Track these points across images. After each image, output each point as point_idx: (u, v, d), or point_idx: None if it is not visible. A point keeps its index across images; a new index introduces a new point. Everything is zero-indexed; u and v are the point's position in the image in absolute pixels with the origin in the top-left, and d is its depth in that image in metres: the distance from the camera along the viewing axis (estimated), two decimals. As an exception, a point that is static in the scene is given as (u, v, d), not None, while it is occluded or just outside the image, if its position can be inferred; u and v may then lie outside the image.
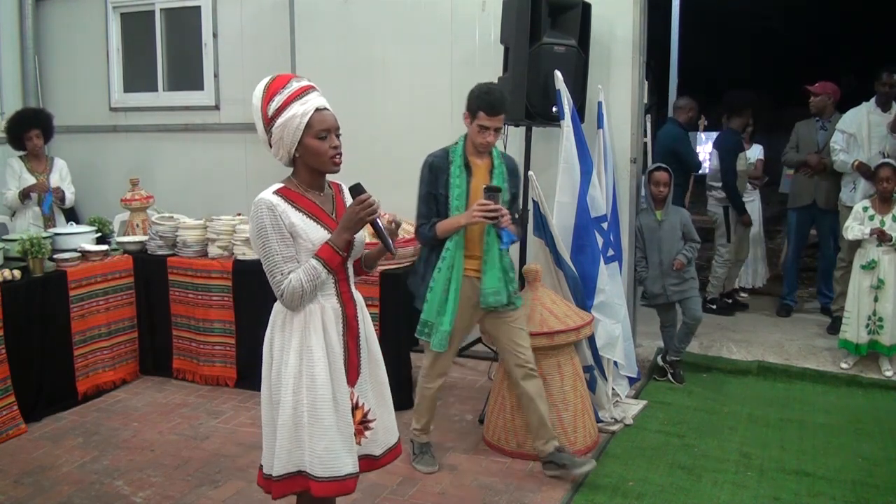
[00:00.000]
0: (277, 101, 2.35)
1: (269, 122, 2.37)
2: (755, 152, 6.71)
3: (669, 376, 4.87)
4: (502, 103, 3.32)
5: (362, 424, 2.52)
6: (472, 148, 3.48)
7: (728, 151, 6.08)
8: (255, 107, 2.39)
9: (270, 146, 2.42)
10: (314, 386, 2.37)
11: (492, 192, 3.30)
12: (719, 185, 6.17)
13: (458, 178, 3.44)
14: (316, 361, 2.38)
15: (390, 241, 2.47)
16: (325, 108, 2.38)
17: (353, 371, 2.49)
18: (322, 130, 2.36)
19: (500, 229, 3.35)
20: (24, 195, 5.55)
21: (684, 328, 4.84)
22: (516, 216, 3.52)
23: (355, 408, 2.49)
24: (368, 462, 2.55)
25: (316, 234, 2.39)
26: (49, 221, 5.58)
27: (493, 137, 3.37)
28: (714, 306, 6.24)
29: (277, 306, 2.48)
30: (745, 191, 6.36)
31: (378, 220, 2.42)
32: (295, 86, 2.37)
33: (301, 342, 2.40)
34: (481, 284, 3.48)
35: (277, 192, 2.40)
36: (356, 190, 2.42)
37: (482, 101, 3.33)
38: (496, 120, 3.33)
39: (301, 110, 2.33)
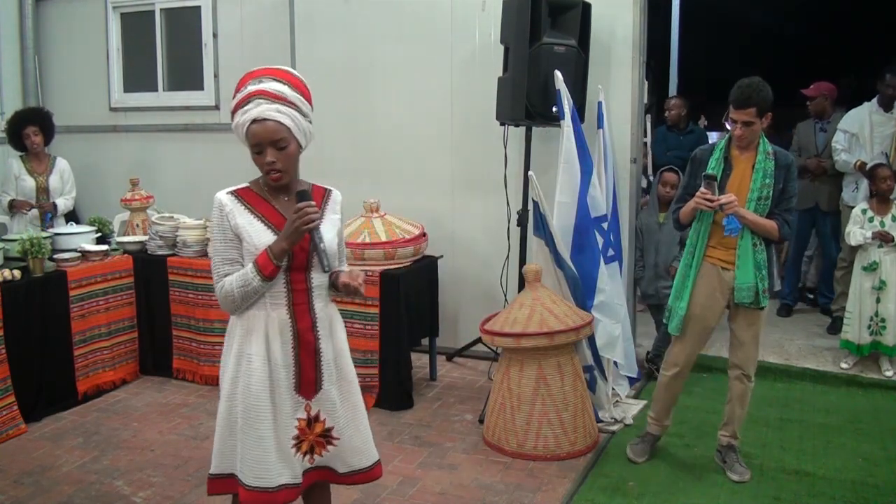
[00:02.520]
0: (232, 103, 2.32)
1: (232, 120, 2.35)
2: None
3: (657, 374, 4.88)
4: (748, 97, 3.29)
5: (324, 438, 2.43)
6: (734, 141, 3.46)
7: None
8: None
9: None
10: (249, 394, 2.30)
11: (707, 179, 3.34)
12: None
13: (713, 170, 3.44)
14: (253, 370, 2.31)
15: (324, 257, 2.28)
16: (265, 119, 2.23)
17: (307, 385, 2.38)
18: (254, 145, 2.26)
19: (725, 215, 3.34)
20: (11, 206, 5.52)
21: (664, 329, 4.85)
22: (784, 210, 3.43)
23: (314, 420, 2.40)
24: (327, 473, 2.49)
25: (263, 239, 2.28)
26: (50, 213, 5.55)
27: (741, 131, 3.34)
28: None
29: None
30: None
31: (314, 233, 2.27)
32: (247, 89, 2.29)
33: (240, 348, 2.33)
34: (735, 279, 3.45)
35: (235, 192, 2.35)
36: (300, 196, 2.27)
37: (732, 94, 3.34)
38: (742, 113, 3.31)
39: (240, 121, 2.26)
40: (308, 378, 2.37)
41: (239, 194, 2.34)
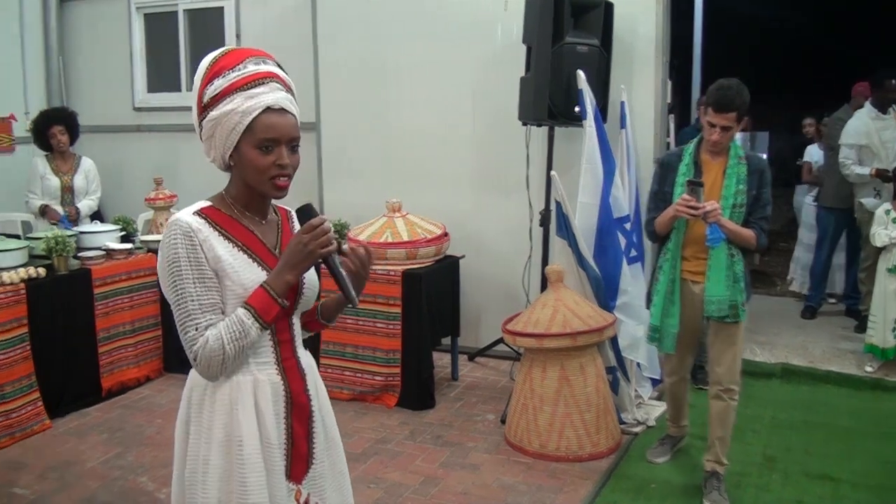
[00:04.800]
0: (218, 85, 1.70)
1: (202, 110, 1.73)
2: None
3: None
4: (731, 101, 3.08)
5: None
6: (706, 146, 3.29)
7: None
8: (195, 86, 1.75)
9: (202, 140, 1.79)
10: (246, 494, 1.72)
11: (693, 185, 3.16)
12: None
13: (683, 176, 3.27)
14: (247, 459, 1.73)
15: (351, 288, 1.77)
16: (282, 109, 1.71)
17: (299, 464, 1.84)
18: (266, 140, 1.69)
19: (708, 224, 3.15)
20: (42, 212, 5.55)
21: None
22: (760, 218, 3.24)
23: None
24: None
25: (250, 275, 1.75)
26: (73, 221, 5.58)
27: (719, 136, 3.14)
28: None
29: (193, 375, 1.85)
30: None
31: (334, 258, 1.75)
32: (250, 69, 1.70)
33: (228, 433, 1.75)
34: (705, 291, 3.25)
35: (201, 213, 1.76)
36: (305, 213, 1.76)
37: (711, 97, 3.14)
38: (723, 118, 3.11)
39: (244, 106, 1.68)
40: (300, 454, 1.84)
41: (208, 216, 1.76)
